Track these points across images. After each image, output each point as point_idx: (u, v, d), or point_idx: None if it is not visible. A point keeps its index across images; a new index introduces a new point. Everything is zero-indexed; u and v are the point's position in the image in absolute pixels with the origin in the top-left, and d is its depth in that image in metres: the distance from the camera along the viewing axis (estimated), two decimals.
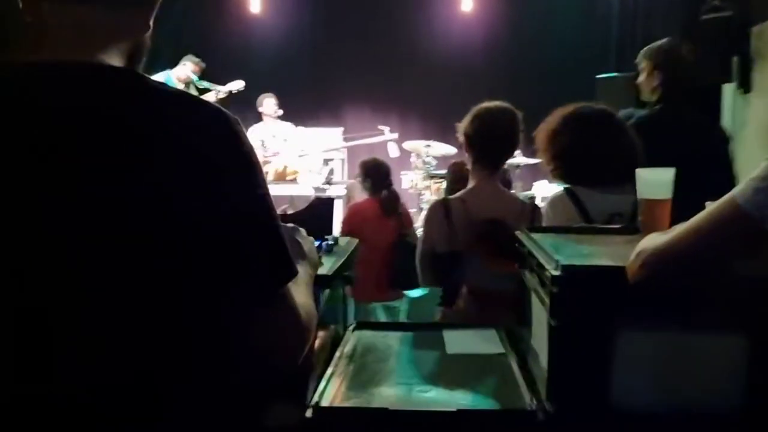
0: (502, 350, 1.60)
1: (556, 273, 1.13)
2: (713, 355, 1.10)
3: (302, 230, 1.25)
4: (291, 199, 4.77)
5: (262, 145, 5.90)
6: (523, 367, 1.45)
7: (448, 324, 1.81)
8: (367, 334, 1.72)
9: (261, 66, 7.62)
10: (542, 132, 2.31)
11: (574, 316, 1.12)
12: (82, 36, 0.81)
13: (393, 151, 5.93)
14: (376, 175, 3.86)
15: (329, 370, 1.42)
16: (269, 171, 6.02)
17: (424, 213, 2.33)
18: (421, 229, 2.39)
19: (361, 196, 4.14)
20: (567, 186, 2.17)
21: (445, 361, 1.53)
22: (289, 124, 6.52)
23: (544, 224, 2.23)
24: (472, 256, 2.07)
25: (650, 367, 1.11)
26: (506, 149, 2.27)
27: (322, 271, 1.28)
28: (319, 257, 1.36)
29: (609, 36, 7.13)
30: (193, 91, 6.01)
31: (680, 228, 0.98)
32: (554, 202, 2.19)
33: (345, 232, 3.62)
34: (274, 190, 5.71)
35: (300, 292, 0.97)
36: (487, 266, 2.02)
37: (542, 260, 1.25)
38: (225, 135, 0.81)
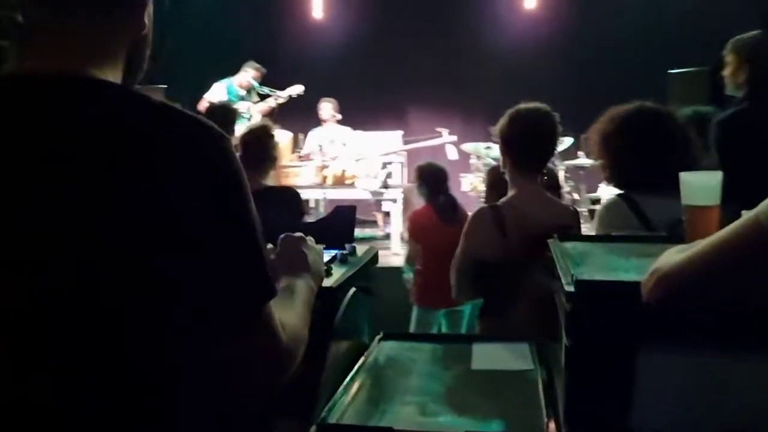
0: (531, 367, 1.50)
1: (570, 288, 1.04)
2: (741, 378, 0.98)
3: (310, 240, 1.21)
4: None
5: (320, 149, 5.94)
6: (550, 386, 1.36)
7: (479, 337, 1.73)
8: (392, 346, 1.66)
9: (322, 70, 7.70)
10: (594, 134, 2.19)
11: (589, 335, 1.03)
12: (67, 46, 0.79)
13: (452, 153, 5.84)
14: (432, 180, 3.79)
15: (345, 383, 1.38)
16: (327, 175, 6.05)
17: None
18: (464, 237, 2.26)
19: (418, 200, 4.09)
20: (622, 191, 2.05)
21: (467, 378, 1.45)
22: (347, 128, 6.55)
23: (595, 232, 2.11)
24: (530, 265, 1.98)
25: (672, 392, 1.00)
26: (547, 152, 2.18)
27: (327, 282, 1.24)
28: (329, 268, 1.32)
29: (681, 29, 6.78)
30: (254, 97, 6.14)
31: (698, 246, 0.88)
32: (608, 208, 2.08)
33: (409, 239, 3.62)
34: (332, 194, 5.79)
35: (287, 310, 0.94)
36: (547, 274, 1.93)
37: (561, 273, 1.17)
38: (206, 150, 0.78)
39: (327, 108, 6.41)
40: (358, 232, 6.55)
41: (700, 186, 1.40)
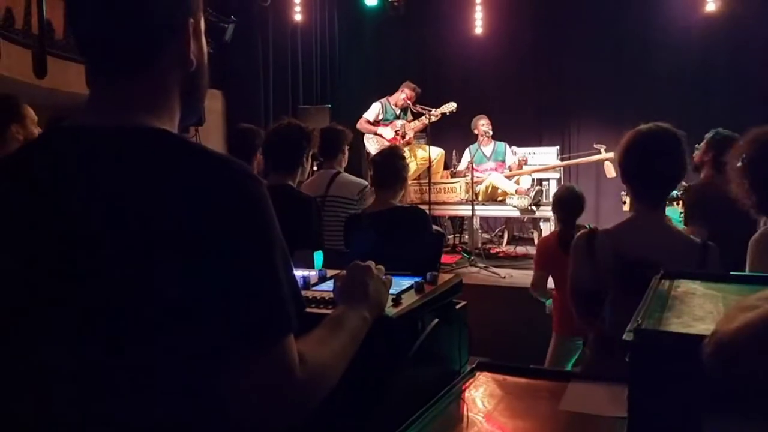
0: (624, 414, 1.38)
1: (629, 337, 0.95)
2: None
3: (379, 269, 1.23)
4: None
5: (472, 165, 5.92)
6: None
7: (578, 374, 1.62)
8: (484, 377, 1.62)
9: (479, 86, 7.68)
10: (734, 158, 1.96)
11: (649, 392, 0.93)
12: (114, 99, 0.87)
13: (610, 171, 5.51)
14: (565, 206, 3.57)
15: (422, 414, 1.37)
16: (479, 191, 6.02)
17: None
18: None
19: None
20: None
21: (549, 420, 1.38)
22: (503, 144, 6.46)
23: (748, 267, 1.88)
24: (612, 298, 1.82)
25: None
26: (670, 180, 1.94)
27: (390, 312, 1.25)
28: (399, 297, 1.33)
29: None
30: (409, 115, 6.29)
31: (761, 308, 0.76)
32: (759, 241, 1.84)
33: (536, 269, 3.49)
34: (481, 210, 5.71)
35: (322, 343, 0.95)
36: (622, 310, 1.76)
37: (633, 316, 1.07)
38: (240, 200, 0.81)
39: (480, 124, 6.38)
40: (512, 249, 6.41)
41: None
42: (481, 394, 1.51)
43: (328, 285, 1.52)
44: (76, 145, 0.84)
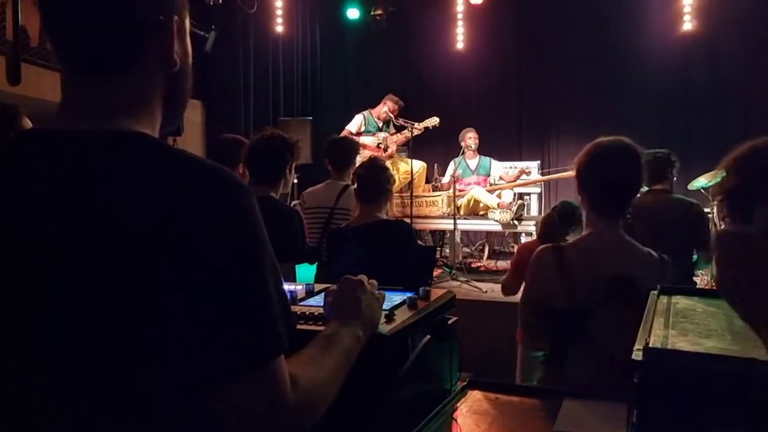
0: None
1: (638, 357, 0.91)
2: None
3: (372, 283, 1.18)
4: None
5: (453, 178, 5.91)
6: None
7: (572, 392, 1.57)
8: (476, 395, 1.58)
9: (461, 101, 7.71)
10: (728, 167, 1.94)
11: (659, 413, 0.89)
12: (92, 101, 0.81)
13: None
14: (566, 219, 3.56)
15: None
16: (460, 205, 6.00)
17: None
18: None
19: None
20: None
21: None
22: (488, 159, 6.45)
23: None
24: (592, 315, 1.78)
25: None
26: (627, 193, 1.91)
27: (384, 329, 1.19)
28: (392, 313, 1.28)
29: None
30: (391, 129, 6.27)
31: None
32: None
33: (512, 272, 3.42)
34: (463, 224, 5.70)
35: (314, 363, 0.89)
36: (609, 328, 1.72)
37: (639, 334, 1.03)
38: (225, 209, 0.75)
39: (468, 137, 6.37)
40: (492, 263, 6.40)
41: None
42: (473, 414, 1.47)
43: (316, 300, 1.46)
44: (48, 149, 0.78)
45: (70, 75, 0.83)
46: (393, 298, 1.37)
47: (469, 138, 6.38)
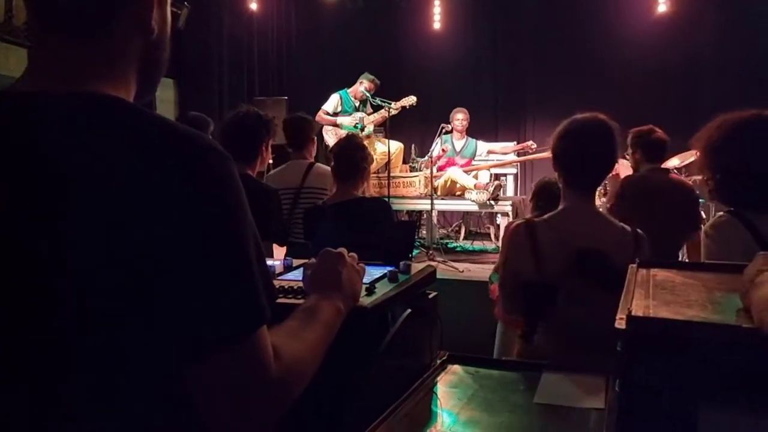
0: (601, 405, 1.35)
1: (621, 326, 0.91)
2: None
3: (352, 256, 1.16)
4: None
5: (431, 159, 5.90)
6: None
7: (552, 365, 1.58)
8: (455, 370, 1.57)
9: (438, 81, 7.67)
10: (699, 144, 1.96)
11: (643, 383, 0.89)
12: (66, 63, 0.77)
13: None
14: (547, 198, 3.57)
15: (395, 408, 1.31)
16: (438, 185, 6.00)
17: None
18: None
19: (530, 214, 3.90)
20: (732, 209, 1.82)
21: (524, 412, 1.33)
22: (475, 141, 6.42)
23: (705, 256, 1.88)
24: (562, 289, 1.79)
25: None
26: (601, 169, 1.93)
27: (365, 302, 1.18)
28: (373, 287, 1.27)
29: None
30: (369, 108, 6.21)
31: None
32: (720, 228, 1.84)
33: (501, 249, 3.44)
34: (440, 205, 5.71)
35: (296, 336, 0.87)
36: (580, 302, 1.74)
37: (621, 304, 1.03)
38: (202, 174, 0.72)
39: (456, 119, 6.31)
40: (469, 244, 6.43)
41: None
42: (454, 387, 1.46)
43: (295, 274, 1.44)
44: (15, 111, 0.73)
45: (38, 32, 0.79)
46: (373, 272, 1.36)
47: (457, 120, 6.31)
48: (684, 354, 0.87)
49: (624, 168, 4.31)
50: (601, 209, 2.05)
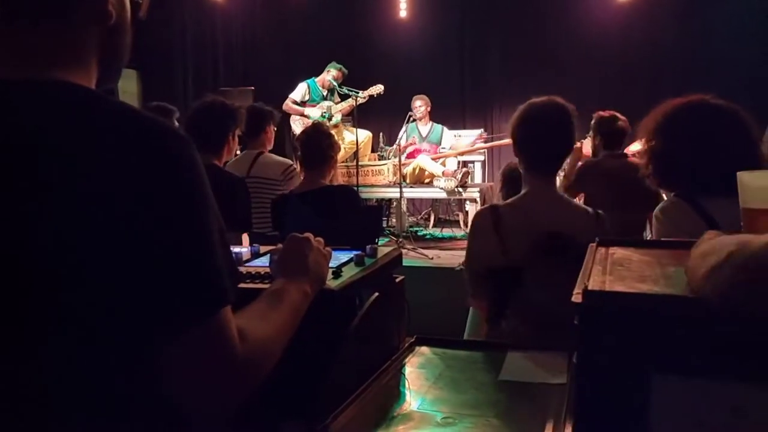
0: (563, 381, 1.40)
1: (578, 299, 0.94)
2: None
3: (318, 241, 1.18)
4: None
5: (399, 147, 5.92)
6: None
7: (516, 345, 1.62)
8: (424, 351, 1.61)
9: (405, 69, 7.68)
10: (643, 129, 1.99)
11: (598, 354, 0.93)
12: (25, 50, 0.77)
13: None
14: (514, 184, 3.63)
15: (364, 389, 1.33)
16: (406, 174, 6.03)
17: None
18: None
19: (499, 201, 3.95)
20: (679, 192, 1.87)
21: (490, 389, 1.37)
22: (441, 127, 6.46)
23: (655, 237, 1.94)
24: (527, 272, 1.83)
25: (691, 423, 0.88)
26: (560, 151, 1.97)
27: (332, 285, 1.20)
28: (339, 270, 1.29)
29: None
30: (336, 97, 6.20)
31: None
32: (667, 211, 1.89)
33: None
34: (409, 193, 5.73)
35: (262, 318, 0.89)
36: (545, 284, 1.78)
37: (578, 280, 1.06)
38: (162, 157, 0.73)
39: (416, 105, 6.35)
40: (438, 231, 6.49)
41: (759, 186, 1.24)
42: (422, 368, 1.50)
43: (262, 261, 1.45)
44: None
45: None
46: (340, 257, 1.38)
47: (416, 107, 6.36)
48: (636, 325, 0.91)
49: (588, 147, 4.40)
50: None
